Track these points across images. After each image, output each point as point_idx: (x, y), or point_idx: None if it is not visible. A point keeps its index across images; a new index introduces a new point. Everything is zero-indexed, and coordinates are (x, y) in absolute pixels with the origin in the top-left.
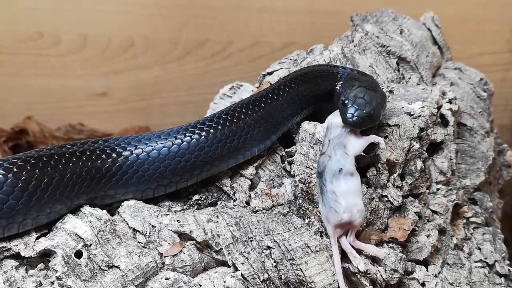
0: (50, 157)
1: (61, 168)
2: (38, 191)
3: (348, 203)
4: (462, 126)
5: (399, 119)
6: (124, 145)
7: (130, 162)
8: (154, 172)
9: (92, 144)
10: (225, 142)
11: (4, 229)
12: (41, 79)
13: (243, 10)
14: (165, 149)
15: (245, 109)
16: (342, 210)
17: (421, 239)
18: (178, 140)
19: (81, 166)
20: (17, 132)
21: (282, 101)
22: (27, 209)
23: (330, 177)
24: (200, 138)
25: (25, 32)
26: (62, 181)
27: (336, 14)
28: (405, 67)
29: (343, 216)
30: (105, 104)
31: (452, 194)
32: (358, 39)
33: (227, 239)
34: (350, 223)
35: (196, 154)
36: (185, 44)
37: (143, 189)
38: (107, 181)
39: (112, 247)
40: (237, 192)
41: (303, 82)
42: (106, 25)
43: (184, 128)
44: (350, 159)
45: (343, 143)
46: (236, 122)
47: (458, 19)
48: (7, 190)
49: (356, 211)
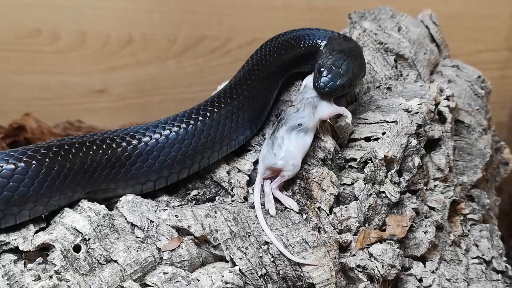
0: (60, 147)
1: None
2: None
3: (289, 152)
4: (459, 123)
5: (397, 115)
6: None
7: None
8: (165, 159)
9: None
10: (217, 128)
11: (15, 217)
12: (40, 76)
13: (242, 6)
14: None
15: (230, 94)
16: (280, 156)
17: (418, 235)
18: (177, 128)
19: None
20: (15, 129)
21: (265, 75)
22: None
23: (287, 126)
24: (188, 128)
25: (24, 29)
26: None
27: (334, 11)
28: (403, 64)
29: (278, 162)
30: (103, 101)
31: (449, 190)
32: (356, 36)
33: (225, 234)
34: (281, 172)
35: (187, 143)
36: (183, 40)
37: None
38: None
39: (110, 241)
40: (235, 187)
41: (284, 50)
42: (105, 21)
43: (178, 119)
44: (313, 120)
45: (315, 104)
46: (224, 107)
47: (456, 16)
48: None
49: (291, 163)
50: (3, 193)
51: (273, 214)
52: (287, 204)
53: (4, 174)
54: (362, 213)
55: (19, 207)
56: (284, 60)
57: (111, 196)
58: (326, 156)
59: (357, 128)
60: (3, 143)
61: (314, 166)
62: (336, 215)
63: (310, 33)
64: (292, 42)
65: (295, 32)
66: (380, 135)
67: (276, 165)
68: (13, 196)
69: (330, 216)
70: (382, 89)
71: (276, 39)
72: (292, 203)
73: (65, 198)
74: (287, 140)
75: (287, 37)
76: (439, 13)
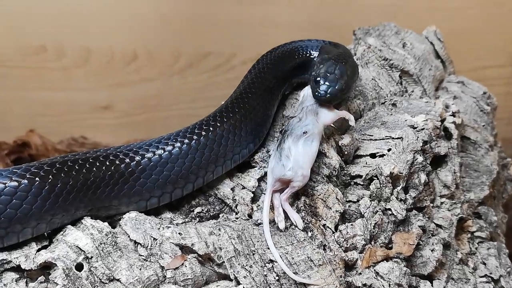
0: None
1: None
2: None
3: (297, 163)
4: (465, 140)
5: (403, 131)
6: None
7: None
8: (169, 174)
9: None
10: (220, 143)
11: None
12: (44, 92)
13: (246, 23)
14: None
15: (231, 108)
16: (289, 167)
17: (425, 253)
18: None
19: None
20: (20, 145)
21: (265, 87)
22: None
23: (293, 136)
24: (192, 143)
25: (29, 46)
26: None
27: (338, 27)
28: (408, 80)
29: (287, 173)
30: (108, 117)
31: (456, 208)
32: (361, 52)
33: (229, 252)
34: (290, 182)
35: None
36: (188, 57)
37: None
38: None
39: (113, 259)
40: (239, 204)
41: (280, 63)
42: (110, 38)
43: (181, 134)
44: (317, 126)
45: (316, 111)
46: (226, 121)
47: (461, 32)
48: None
49: (300, 174)
50: (6, 211)
51: (282, 228)
52: (293, 219)
53: (7, 192)
54: (368, 231)
55: (22, 225)
56: (281, 72)
57: (114, 213)
58: (331, 172)
59: (362, 145)
60: (7, 160)
61: (319, 183)
62: (341, 233)
63: (303, 45)
64: (287, 54)
65: (290, 45)
66: (386, 152)
67: (286, 176)
68: (16, 214)
69: (336, 234)
70: (387, 105)
71: (272, 52)
72: (298, 219)
73: (67, 215)
74: (294, 150)
75: (283, 49)
76: (443, 30)
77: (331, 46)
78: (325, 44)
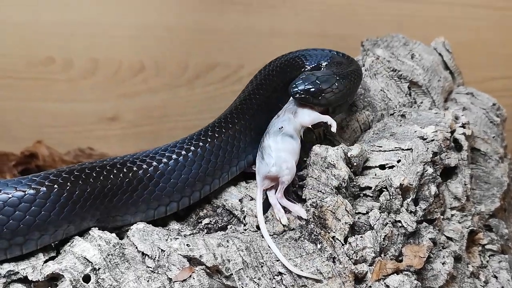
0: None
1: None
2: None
3: (279, 158)
4: (475, 151)
5: (412, 143)
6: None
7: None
8: (176, 182)
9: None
10: (225, 149)
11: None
12: (52, 103)
13: (253, 34)
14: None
15: (236, 114)
16: (272, 163)
17: (436, 266)
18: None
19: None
20: (27, 156)
21: (272, 89)
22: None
23: (271, 133)
24: (198, 150)
25: (37, 57)
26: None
27: (345, 38)
28: (417, 91)
29: (272, 169)
30: (114, 128)
31: (467, 220)
32: (369, 63)
33: (237, 264)
34: (278, 178)
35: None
36: (195, 68)
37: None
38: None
39: (120, 271)
40: (247, 216)
41: (285, 70)
42: (117, 49)
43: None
44: (293, 123)
45: (295, 110)
46: (231, 127)
47: (469, 43)
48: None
49: (285, 167)
50: (8, 222)
51: (285, 223)
52: (295, 211)
53: (11, 203)
54: (378, 243)
55: (24, 237)
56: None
57: (120, 224)
58: (341, 184)
59: (371, 156)
60: (14, 171)
61: (328, 194)
62: (351, 245)
63: (306, 54)
64: (288, 64)
65: (292, 54)
66: (395, 163)
67: (271, 173)
68: (18, 226)
69: (345, 246)
70: (396, 116)
71: (272, 63)
72: (300, 209)
73: (74, 226)
74: (274, 145)
75: (285, 58)
76: (452, 40)
77: (345, 58)
78: (338, 55)
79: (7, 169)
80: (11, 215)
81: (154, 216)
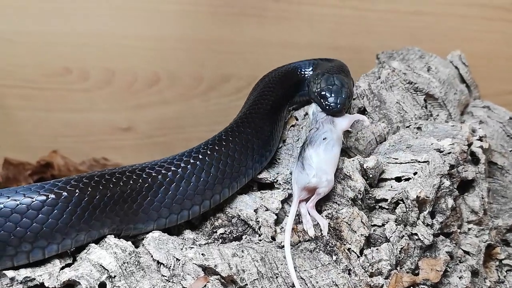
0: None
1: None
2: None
3: (320, 169)
4: (492, 165)
5: (429, 155)
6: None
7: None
8: (185, 189)
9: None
10: (233, 157)
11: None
12: (67, 113)
13: (267, 45)
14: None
15: (242, 123)
16: (312, 174)
17: (453, 280)
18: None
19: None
20: (43, 166)
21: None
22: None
23: (313, 144)
24: (206, 158)
25: (53, 68)
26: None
27: (359, 50)
28: (433, 104)
29: (312, 180)
30: (129, 139)
31: (484, 234)
32: (385, 75)
33: (252, 274)
34: (316, 189)
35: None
36: (209, 79)
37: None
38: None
39: (136, 279)
40: (262, 226)
41: (279, 85)
42: (133, 60)
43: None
44: (336, 132)
45: (331, 120)
46: (238, 135)
47: (485, 56)
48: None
49: (324, 179)
50: (16, 229)
51: (312, 235)
52: (321, 224)
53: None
54: (394, 256)
55: (31, 244)
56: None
57: (132, 233)
58: (356, 195)
59: (387, 168)
60: (30, 180)
61: (344, 206)
62: (367, 257)
63: (298, 65)
64: (289, 72)
65: (288, 65)
66: (412, 175)
67: (311, 184)
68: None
69: (361, 258)
70: (412, 128)
71: (274, 72)
72: (326, 225)
73: (84, 234)
74: (315, 157)
75: (285, 68)
76: (467, 53)
77: (324, 61)
78: (316, 61)
79: (22, 178)
80: (19, 222)
81: (166, 224)
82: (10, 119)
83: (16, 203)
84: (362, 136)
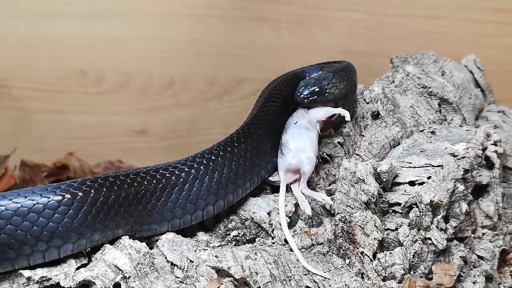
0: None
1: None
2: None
3: (297, 149)
4: (507, 170)
5: (443, 159)
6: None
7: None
8: (199, 189)
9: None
10: (246, 157)
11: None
12: (82, 116)
13: (280, 49)
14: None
15: (252, 124)
16: (291, 156)
17: (467, 285)
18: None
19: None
20: (59, 168)
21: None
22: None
23: (287, 130)
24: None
25: (69, 70)
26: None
27: (372, 54)
28: (447, 108)
29: (291, 161)
30: (143, 141)
31: (498, 239)
32: (399, 79)
33: (265, 277)
34: (300, 170)
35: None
36: (223, 83)
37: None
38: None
39: (150, 280)
40: (275, 229)
41: (288, 88)
42: (147, 63)
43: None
44: (307, 116)
45: (306, 109)
46: (250, 136)
47: (500, 60)
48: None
49: (304, 157)
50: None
51: (310, 213)
52: (320, 198)
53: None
54: (407, 260)
55: (47, 244)
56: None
57: (147, 234)
58: (370, 199)
59: (400, 172)
60: (46, 182)
61: (357, 210)
62: (380, 261)
63: (306, 69)
64: (295, 78)
65: (297, 69)
66: (426, 179)
67: (292, 165)
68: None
69: (374, 262)
70: (426, 133)
71: (283, 76)
72: (325, 196)
73: (98, 234)
74: (291, 139)
75: (291, 73)
76: (482, 57)
77: (332, 63)
78: (325, 63)
79: (39, 180)
80: (36, 221)
81: (180, 225)
82: (26, 121)
83: (33, 203)
84: (376, 140)
